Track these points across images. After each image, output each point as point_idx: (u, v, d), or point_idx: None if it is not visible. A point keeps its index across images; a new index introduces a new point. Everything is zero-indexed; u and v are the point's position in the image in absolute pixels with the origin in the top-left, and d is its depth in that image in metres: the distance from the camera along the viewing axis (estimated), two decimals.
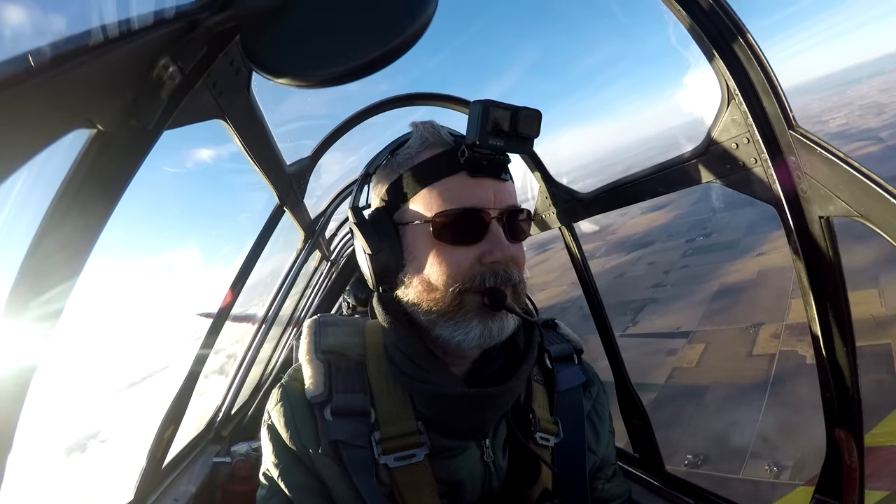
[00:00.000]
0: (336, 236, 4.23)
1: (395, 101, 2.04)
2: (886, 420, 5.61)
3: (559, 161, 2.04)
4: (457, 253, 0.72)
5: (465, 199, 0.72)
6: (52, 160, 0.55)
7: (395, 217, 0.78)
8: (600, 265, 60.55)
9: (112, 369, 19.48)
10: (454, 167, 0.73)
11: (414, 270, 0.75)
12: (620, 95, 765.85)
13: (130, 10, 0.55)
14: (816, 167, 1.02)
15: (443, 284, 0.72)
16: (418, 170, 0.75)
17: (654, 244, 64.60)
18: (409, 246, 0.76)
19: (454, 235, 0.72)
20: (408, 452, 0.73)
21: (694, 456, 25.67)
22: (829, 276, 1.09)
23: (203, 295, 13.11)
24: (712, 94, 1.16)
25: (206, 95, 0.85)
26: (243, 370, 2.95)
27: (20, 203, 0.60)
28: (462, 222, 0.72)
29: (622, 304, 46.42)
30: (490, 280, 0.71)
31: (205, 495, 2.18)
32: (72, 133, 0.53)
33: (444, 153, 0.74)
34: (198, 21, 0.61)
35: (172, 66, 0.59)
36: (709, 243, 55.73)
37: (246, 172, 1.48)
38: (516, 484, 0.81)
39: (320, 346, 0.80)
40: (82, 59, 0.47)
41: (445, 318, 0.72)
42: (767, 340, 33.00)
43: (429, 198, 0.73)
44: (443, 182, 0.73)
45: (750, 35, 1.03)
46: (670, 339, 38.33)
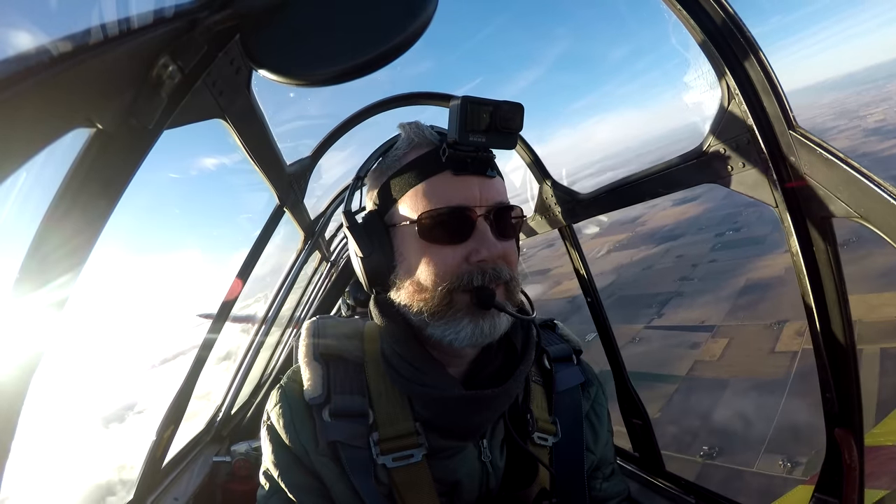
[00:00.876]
0: (336, 237, 4.24)
1: (395, 100, 2.03)
2: (886, 420, 5.61)
3: (591, 151, 2.04)
4: (444, 252, 0.71)
5: (450, 197, 0.72)
6: (52, 160, 0.55)
7: (385, 219, 0.78)
8: (629, 256, 60.35)
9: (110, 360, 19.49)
10: (438, 166, 0.73)
11: (404, 272, 0.75)
12: (654, 84, 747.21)
13: (130, 9, 0.55)
14: (816, 167, 1.02)
15: (431, 284, 0.71)
16: (404, 171, 0.75)
17: (684, 237, 64.61)
18: (398, 247, 0.76)
19: (440, 235, 0.72)
20: (406, 453, 0.73)
21: (710, 448, 26.00)
22: (829, 276, 1.09)
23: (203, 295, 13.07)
24: (712, 93, 1.16)
25: (206, 95, 0.85)
26: (243, 370, 2.95)
27: (20, 203, 0.60)
28: (447, 221, 0.71)
29: (649, 297, 46.75)
30: (478, 279, 0.71)
31: (205, 494, 2.18)
32: (72, 133, 0.53)
33: (427, 153, 0.74)
34: (197, 20, 0.60)
35: (172, 66, 0.59)
36: (738, 238, 55.61)
37: (246, 172, 1.48)
38: (514, 483, 0.81)
39: (319, 348, 0.80)
40: (82, 59, 0.47)
41: (436, 317, 0.72)
42: (791, 338, 33.04)
43: (415, 198, 0.73)
44: (427, 182, 0.73)
45: (750, 35, 1.03)
46: (694, 333, 38.48)
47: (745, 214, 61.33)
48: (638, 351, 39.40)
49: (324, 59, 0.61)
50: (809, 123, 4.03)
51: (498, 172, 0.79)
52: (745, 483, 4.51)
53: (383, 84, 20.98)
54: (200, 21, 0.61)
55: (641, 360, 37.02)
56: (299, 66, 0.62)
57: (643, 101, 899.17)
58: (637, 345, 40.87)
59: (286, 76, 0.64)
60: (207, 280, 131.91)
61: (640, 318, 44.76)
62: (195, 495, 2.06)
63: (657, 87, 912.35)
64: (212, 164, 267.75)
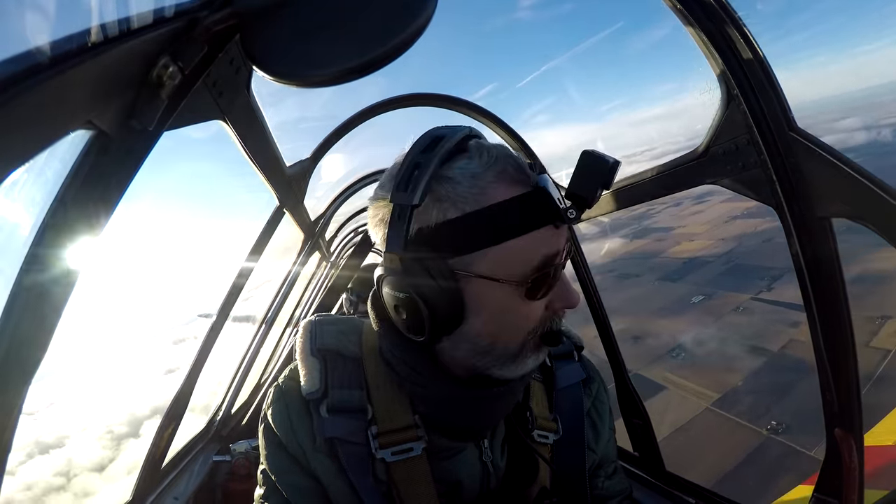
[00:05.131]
0: (336, 237, 4.24)
1: (395, 101, 2.03)
2: (886, 420, 5.61)
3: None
4: (535, 305, 0.66)
5: (550, 251, 0.64)
6: (52, 161, 0.55)
7: (451, 263, 0.63)
8: (753, 226, 59.65)
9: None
10: (545, 217, 0.62)
11: (479, 326, 0.66)
12: (806, 46, 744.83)
13: (130, 9, 0.55)
14: (816, 168, 1.02)
15: (514, 335, 0.67)
16: (496, 213, 0.61)
17: None
18: (474, 298, 0.64)
19: (540, 293, 0.65)
20: (405, 446, 0.73)
21: (777, 423, 26.56)
22: (830, 277, 1.09)
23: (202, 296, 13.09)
24: (711, 94, 1.16)
25: (206, 95, 0.85)
26: (243, 370, 2.95)
27: (20, 204, 0.60)
28: (549, 278, 0.65)
29: (762, 269, 46.74)
30: (557, 324, 0.70)
31: (205, 494, 2.18)
32: (72, 134, 0.53)
33: (532, 197, 0.63)
34: (197, 20, 0.60)
35: (172, 66, 0.59)
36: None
37: (245, 174, 1.48)
38: (515, 483, 0.80)
39: (316, 344, 0.79)
40: (81, 60, 0.47)
41: (508, 362, 0.68)
42: (890, 335, 32.70)
43: (513, 251, 0.62)
44: (533, 235, 0.62)
45: (750, 35, 1.03)
46: (797, 312, 38.05)
47: None
48: (738, 321, 39.81)
49: (324, 59, 0.61)
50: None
51: None
52: (797, 463, 4.47)
53: (384, 84, 20.95)
54: (200, 21, 0.60)
55: (739, 329, 37.34)
56: (299, 66, 0.62)
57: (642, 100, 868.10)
58: (739, 314, 41.29)
59: (286, 77, 0.64)
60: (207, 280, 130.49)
61: (748, 289, 44.92)
62: (195, 494, 2.06)
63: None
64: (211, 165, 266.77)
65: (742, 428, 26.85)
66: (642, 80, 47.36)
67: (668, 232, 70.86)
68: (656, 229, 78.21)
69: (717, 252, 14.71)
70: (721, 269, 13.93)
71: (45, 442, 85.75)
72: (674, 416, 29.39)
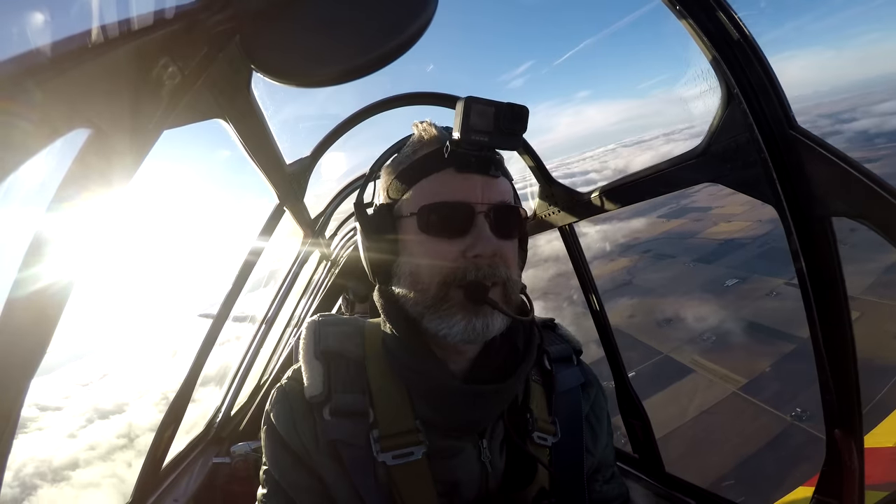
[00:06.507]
0: (336, 236, 4.23)
1: (395, 100, 2.03)
2: (886, 420, 5.60)
3: (791, 85, 2.00)
4: (441, 245, 0.73)
5: (451, 193, 0.74)
6: (52, 160, 0.55)
7: (393, 213, 0.80)
8: None
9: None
10: (442, 163, 0.75)
11: (405, 263, 0.77)
12: (855, 23, 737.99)
13: (130, 9, 0.55)
14: (816, 167, 1.02)
15: (428, 277, 0.74)
16: (413, 167, 0.78)
17: None
18: (402, 240, 0.78)
19: (439, 228, 0.74)
20: (406, 450, 0.73)
21: (802, 410, 26.90)
22: (830, 277, 1.09)
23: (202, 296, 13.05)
24: (712, 93, 1.16)
25: (206, 95, 0.85)
26: (243, 371, 2.95)
27: (19, 204, 0.60)
28: (446, 215, 0.73)
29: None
30: (472, 274, 0.71)
31: (205, 496, 2.17)
32: (71, 133, 0.53)
33: (435, 150, 0.77)
34: (198, 21, 0.60)
35: (172, 66, 0.59)
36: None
37: (246, 172, 1.48)
38: (513, 484, 0.81)
39: (319, 346, 0.80)
40: (82, 60, 0.47)
41: (430, 310, 0.73)
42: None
43: (418, 193, 0.76)
44: (431, 177, 0.76)
45: (750, 35, 1.03)
46: None
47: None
48: (770, 305, 39.59)
49: (324, 59, 0.61)
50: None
51: (505, 174, 0.80)
52: (817, 451, 4.46)
53: (384, 84, 21.01)
54: (200, 22, 0.61)
55: (770, 314, 37.15)
56: (299, 66, 0.62)
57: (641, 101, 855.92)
58: (772, 299, 41.04)
59: (286, 77, 0.64)
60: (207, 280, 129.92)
61: (783, 273, 44.51)
62: (195, 496, 2.06)
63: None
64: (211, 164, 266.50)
65: (766, 413, 26.96)
66: (677, 60, 47.44)
67: (706, 212, 69.06)
68: (694, 209, 76.64)
69: (754, 234, 14.76)
70: (756, 252, 13.96)
71: (104, 409, 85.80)
72: (701, 399, 29.44)
